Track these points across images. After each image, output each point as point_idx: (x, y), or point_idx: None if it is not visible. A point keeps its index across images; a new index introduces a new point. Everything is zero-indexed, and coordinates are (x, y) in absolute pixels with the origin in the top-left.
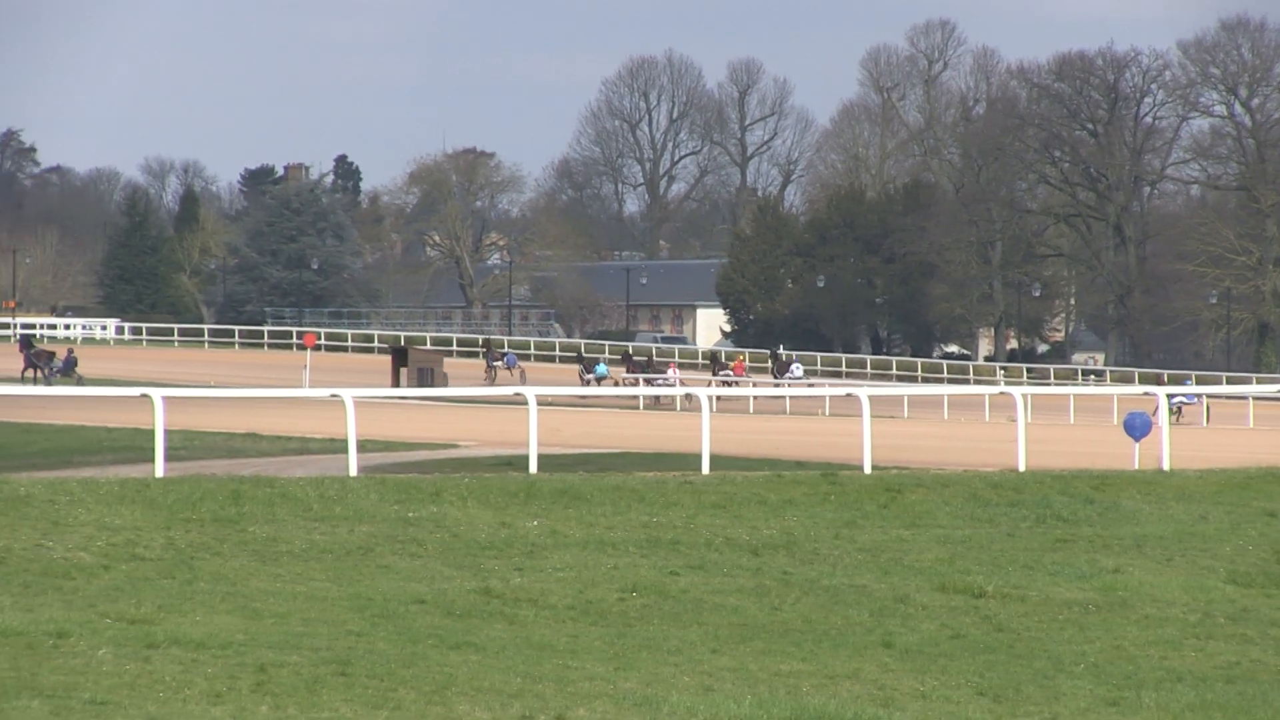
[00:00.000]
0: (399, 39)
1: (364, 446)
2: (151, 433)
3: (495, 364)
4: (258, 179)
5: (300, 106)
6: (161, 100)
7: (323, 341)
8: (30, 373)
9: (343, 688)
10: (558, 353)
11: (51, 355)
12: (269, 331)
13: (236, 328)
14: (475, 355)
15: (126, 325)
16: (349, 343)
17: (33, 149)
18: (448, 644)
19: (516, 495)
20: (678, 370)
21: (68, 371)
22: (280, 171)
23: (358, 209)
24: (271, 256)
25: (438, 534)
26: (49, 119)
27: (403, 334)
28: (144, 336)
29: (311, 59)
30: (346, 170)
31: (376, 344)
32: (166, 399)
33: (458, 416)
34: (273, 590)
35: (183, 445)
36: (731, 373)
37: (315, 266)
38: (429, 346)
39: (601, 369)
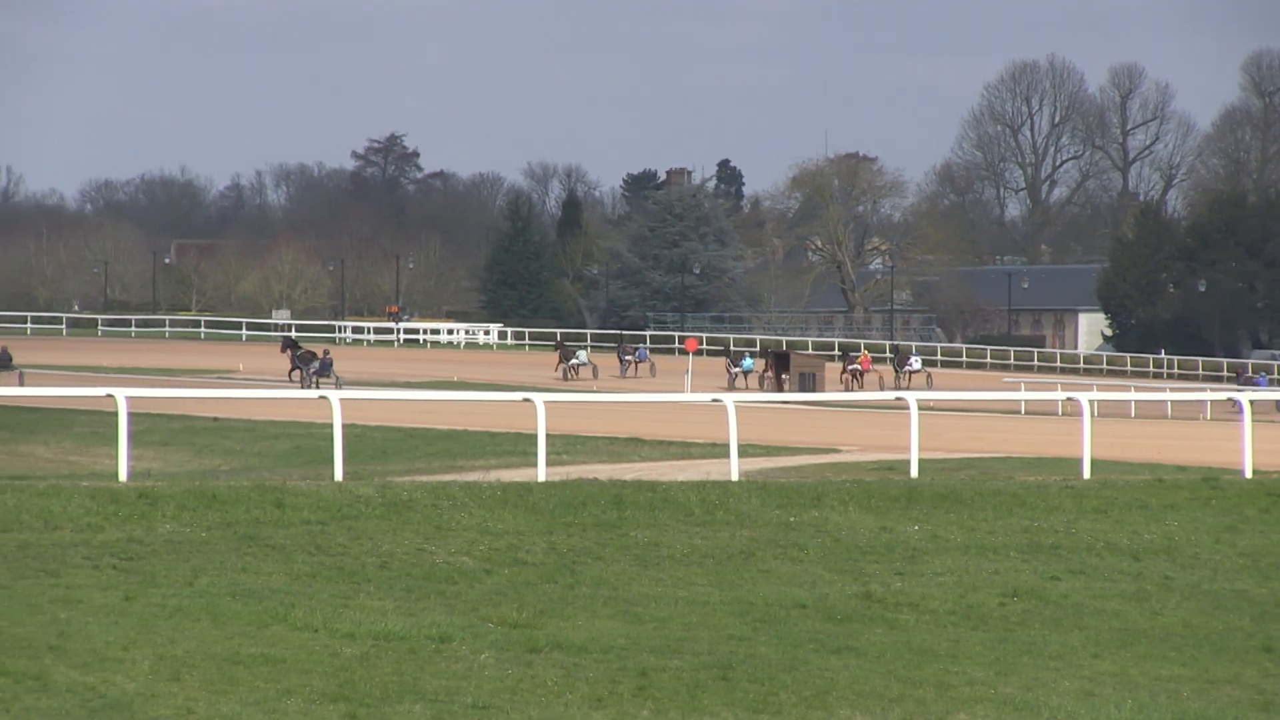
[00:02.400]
0: (779, 42)
1: (745, 451)
2: (534, 437)
3: (628, 358)
4: (640, 184)
5: (682, 111)
6: (545, 105)
7: (704, 346)
8: (295, 374)
9: (723, 692)
10: (939, 357)
11: (313, 356)
12: (650, 336)
13: (620, 333)
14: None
15: (509, 330)
16: (730, 348)
17: (415, 154)
18: (828, 648)
19: (897, 500)
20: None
21: (324, 373)
22: (662, 176)
23: (739, 213)
24: (653, 261)
25: (819, 538)
26: (432, 125)
27: (784, 339)
28: (526, 341)
29: (693, 63)
30: (728, 174)
31: (758, 349)
32: (548, 404)
33: (839, 421)
34: (654, 595)
35: (565, 450)
36: (859, 366)
37: (697, 271)
38: (810, 351)
39: (748, 363)
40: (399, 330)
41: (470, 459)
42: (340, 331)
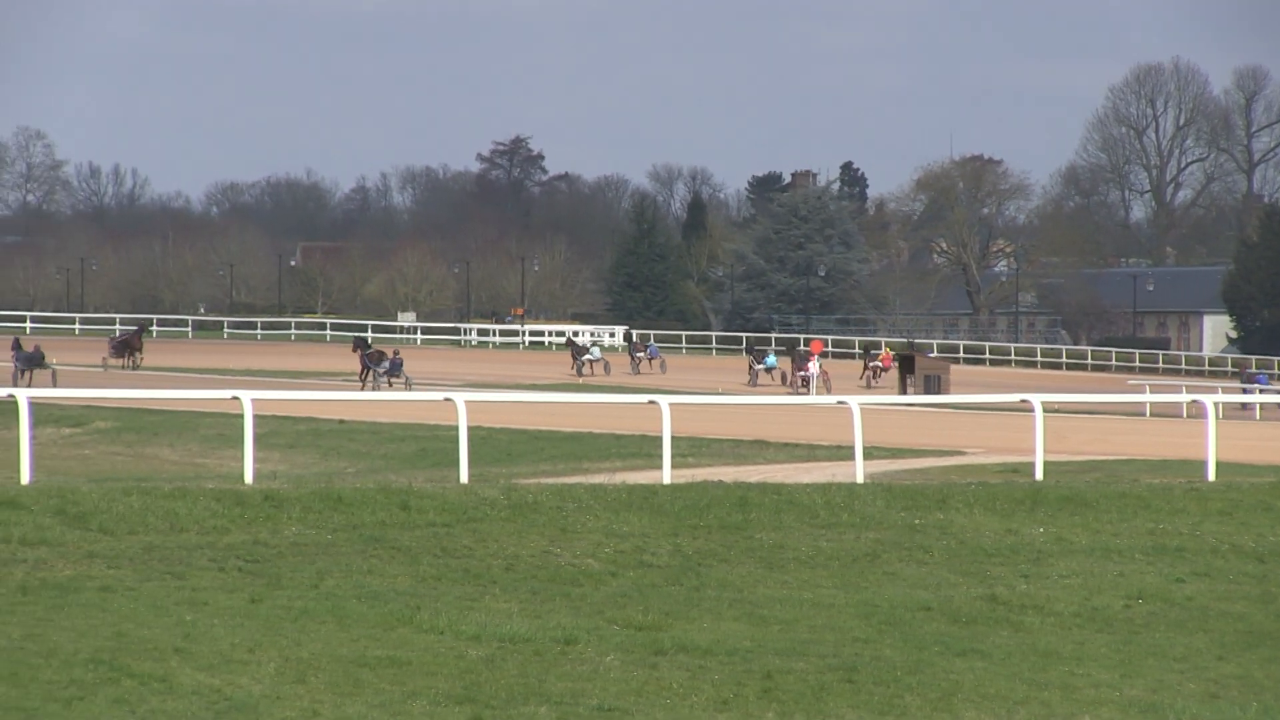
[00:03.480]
0: (904, 44)
1: (870, 453)
2: (659, 439)
3: (639, 355)
4: (765, 186)
5: (806, 113)
6: (669, 108)
7: (829, 349)
8: (365, 374)
9: (849, 694)
10: (1064, 359)
11: (382, 356)
12: (775, 339)
13: (744, 335)
14: (983, 362)
15: (634, 333)
16: (856, 350)
17: (540, 157)
18: (953, 651)
19: (1022, 502)
20: (816, 363)
21: (394, 372)
22: (787, 179)
23: (863, 216)
24: (779, 263)
25: (944, 540)
26: (557, 127)
27: (910, 341)
28: (783, 350)
29: (817, 65)
30: (852, 177)
31: (883, 350)
32: (673, 406)
33: (964, 423)
34: (779, 597)
35: (690, 452)
36: (880, 363)
37: (822, 273)
38: (935, 354)
39: (771, 360)
40: (523, 333)
41: (595, 461)
42: (465, 334)
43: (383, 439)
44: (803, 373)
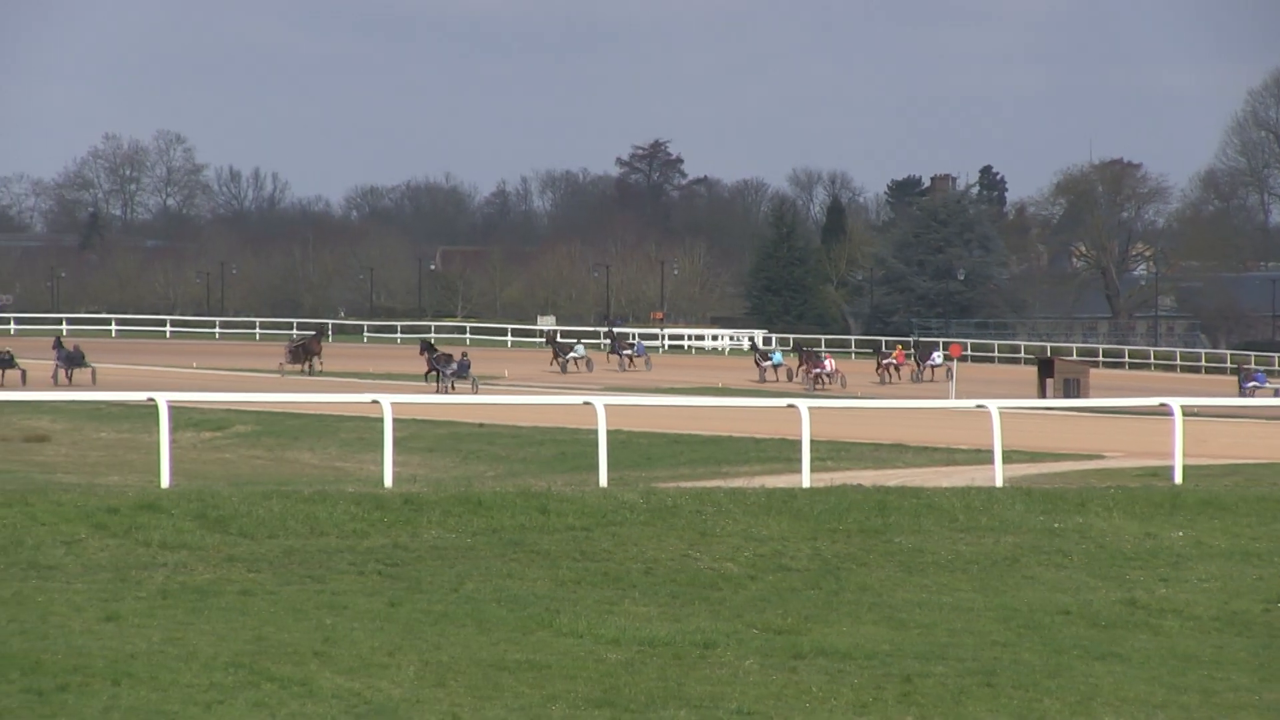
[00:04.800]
0: (1042, 48)
1: (1009, 457)
2: (798, 443)
3: (625, 353)
4: (904, 190)
5: (946, 117)
6: (808, 111)
7: (968, 352)
8: (432, 375)
9: (988, 698)
10: (1203, 364)
11: (449, 359)
12: (914, 342)
13: (882, 339)
14: (1119, 366)
15: (774, 336)
16: (995, 353)
17: (680, 161)
18: (1092, 655)
19: (1161, 506)
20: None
21: (462, 374)
22: (925, 182)
23: (1002, 219)
24: (918, 267)
25: (1083, 544)
26: (695, 131)
27: (1049, 345)
28: (790, 348)
29: (956, 69)
30: (991, 181)
31: (1023, 355)
32: (812, 409)
33: (1103, 427)
34: (918, 601)
35: (829, 456)
36: (894, 360)
37: (961, 277)
38: (1075, 358)
39: (777, 357)
40: (663, 336)
41: (734, 465)
42: (603, 338)
43: (522, 443)
44: (819, 369)
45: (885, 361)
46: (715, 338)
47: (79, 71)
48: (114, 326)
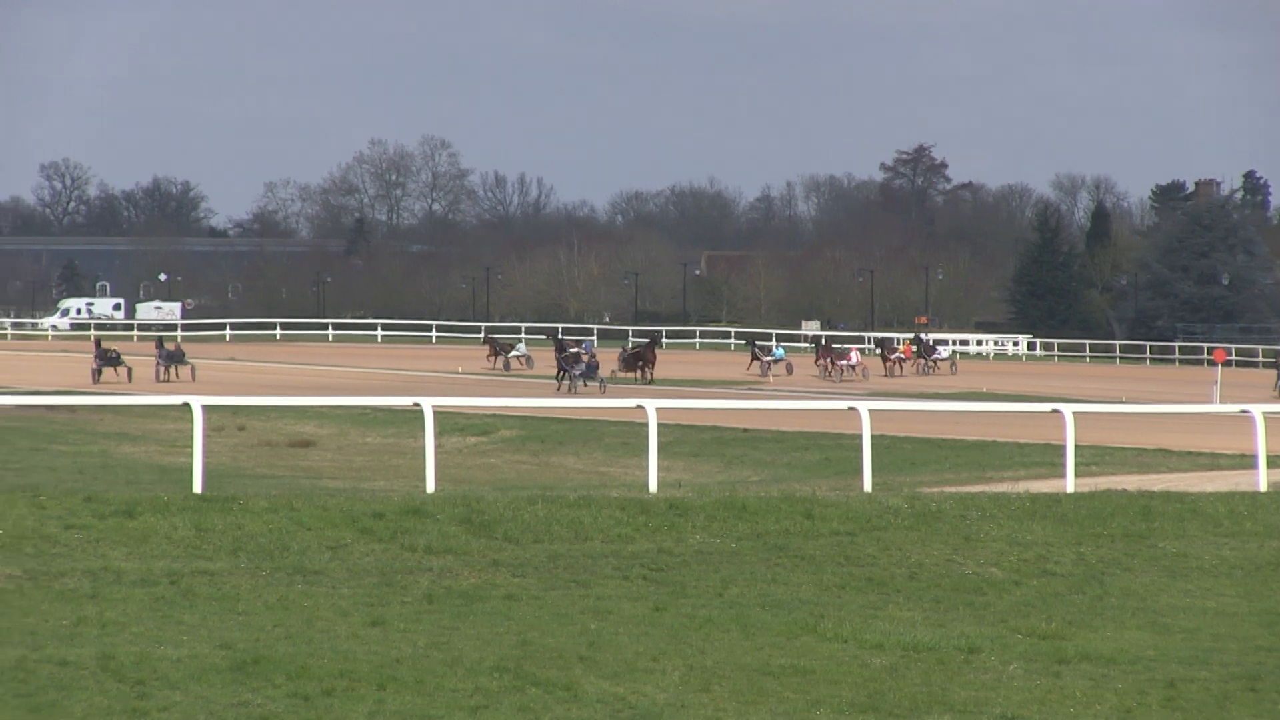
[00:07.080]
0: None
1: (1275, 462)
2: (1061, 448)
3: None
4: (1168, 194)
5: (1210, 122)
6: (1072, 116)
7: (1233, 357)
8: (561, 376)
9: (1252, 703)
10: None
11: (577, 359)
12: (1179, 347)
13: (1147, 343)
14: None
15: (1038, 341)
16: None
17: (943, 165)
18: None
19: None
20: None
21: (591, 375)
22: (1190, 187)
23: (1266, 224)
24: (1182, 272)
25: None
26: (960, 136)
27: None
28: (1055, 353)
29: (1218, 72)
30: (1254, 185)
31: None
32: (1076, 414)
33: None
34: (1182, 606)
35: (1093, 460)
36: (901, 354)
37: (1225, 282)
38: None
39: (779, 352)
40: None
41: (998, 470)
42: (867, 342)
43: (786, 447)
44: (845, 361)
45: (893, 356)
46: (979, 342)
47: (346, 77)
48: (379, 331)
